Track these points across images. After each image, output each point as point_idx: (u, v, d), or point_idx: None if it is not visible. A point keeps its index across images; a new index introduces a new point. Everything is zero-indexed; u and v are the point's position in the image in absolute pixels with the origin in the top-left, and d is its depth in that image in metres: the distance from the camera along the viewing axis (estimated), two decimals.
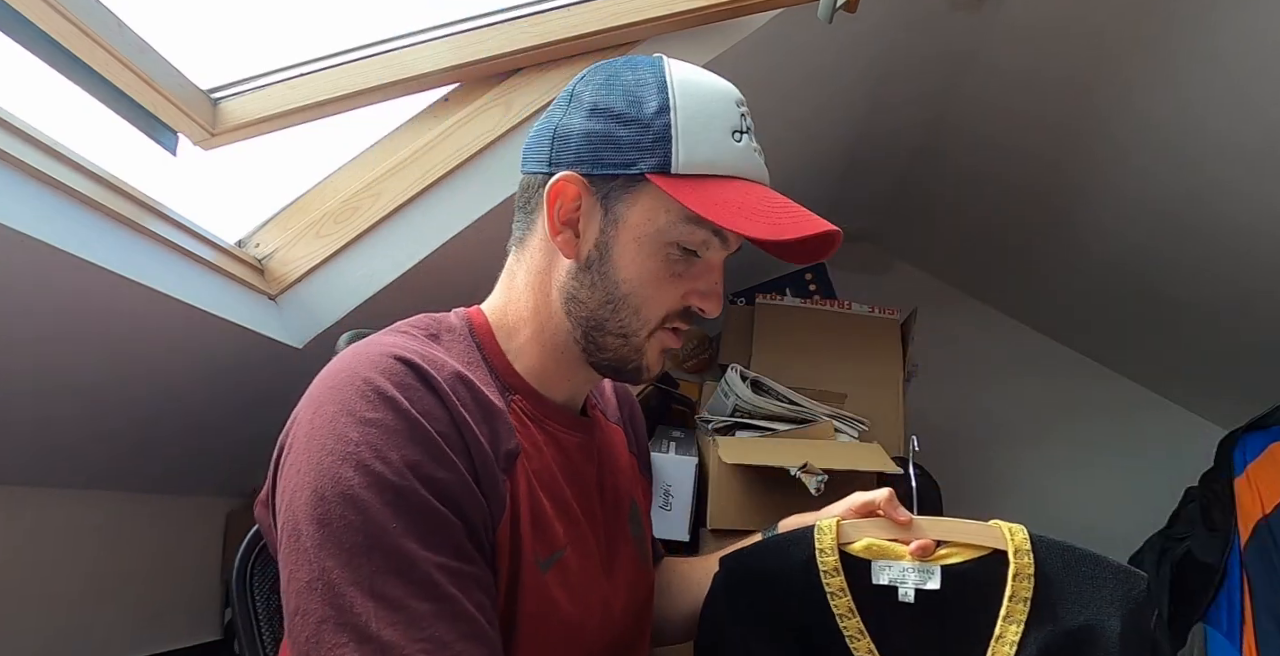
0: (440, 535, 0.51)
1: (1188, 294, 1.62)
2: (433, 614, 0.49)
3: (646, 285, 0.61)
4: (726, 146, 0.61)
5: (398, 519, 0.49)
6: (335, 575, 0.48)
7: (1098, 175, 1.48)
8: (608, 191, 0.61)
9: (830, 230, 0.60)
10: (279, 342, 0.95)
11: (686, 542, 1.25)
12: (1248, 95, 1.15)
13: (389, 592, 0.48)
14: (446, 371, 0.56)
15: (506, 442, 0.58)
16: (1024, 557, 0.68)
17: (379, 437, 0.51)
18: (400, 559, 0.49)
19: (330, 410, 0.52)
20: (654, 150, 0.59)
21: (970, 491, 1.88)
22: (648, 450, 0.90)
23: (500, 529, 0.56)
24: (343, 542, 0.49)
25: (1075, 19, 1.20)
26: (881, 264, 2.13)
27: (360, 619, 0.47)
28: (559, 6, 0.99)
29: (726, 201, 0.59)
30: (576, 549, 0.63)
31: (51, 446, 0.84)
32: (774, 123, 1.38)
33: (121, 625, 1.01)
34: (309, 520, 0.50)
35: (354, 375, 0.53)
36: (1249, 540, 1.29)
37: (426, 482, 0.51)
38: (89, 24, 0.72)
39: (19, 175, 0.63)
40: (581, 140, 0.61)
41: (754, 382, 1.37)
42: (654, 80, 0.61)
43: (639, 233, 0.61)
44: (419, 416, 0.52)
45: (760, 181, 0.63)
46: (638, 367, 0.65)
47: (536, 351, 0.65)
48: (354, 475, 0.50)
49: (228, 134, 0.93)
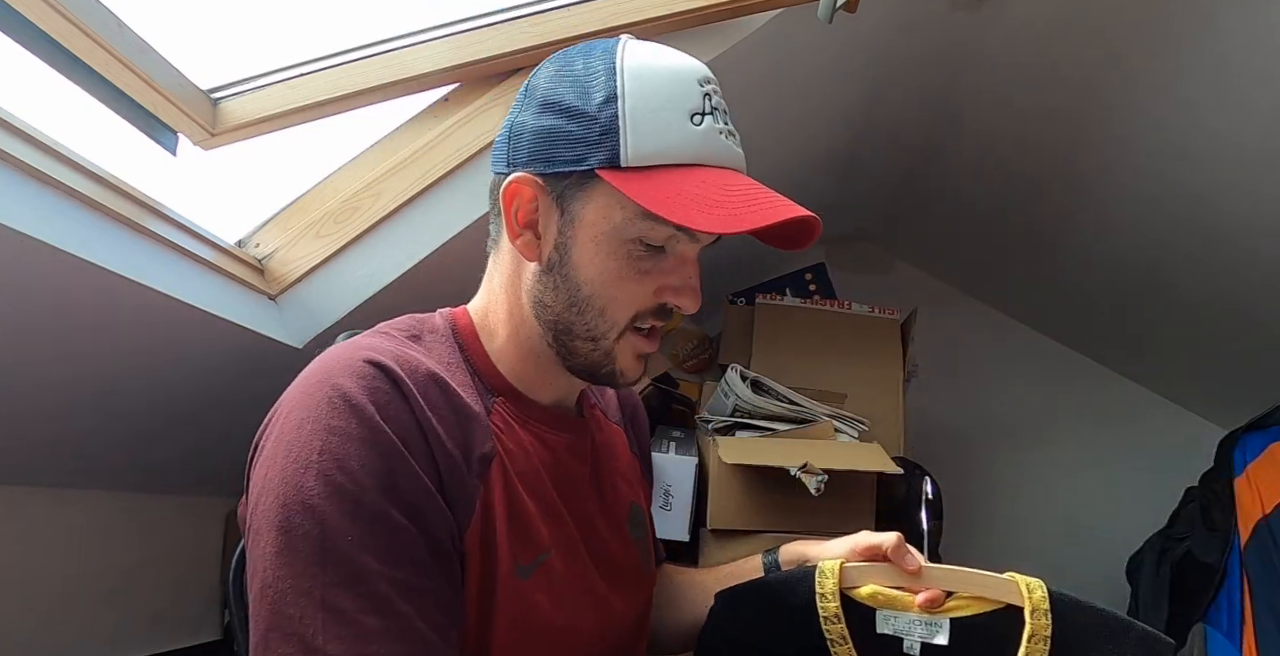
0: (399, 549, 0.50)
1: (1188, 294, 1.62)
2: (381, 629, 0.48)
3: (609, 285, 0.59)
4: (683, 132, 0.57)
5: (355, 531, 0.49)
6: (288, 584, 0.48)
7: (1097, 175, 1.48)
8: (562, 190, 0.59)
9: (799, 216, 0.56)
10: (279, 342, 0.94)
11: (686, 542, 1.25)
12: (1248, 95, 1.15)
13: (340, 605, 0.48)
14: (420, 373, 0.56)
15: (481, 446, 0.57)
16: (1041, 618, 0.61)
17: (342, 447, 0.50)
18: (354, 572, 0.49)
19: (298, 416, 0.52)
20: (602, 143, 0.56)
21: (970, 491, 1.88)
22: (650, 452, 0.89)
23: (469, 535, 0.55)
24: (299, 552, 0.49)
25: (1075, 19, 1.20)
26: (881, 264, 2.13)
27: (308, 630, 0.47)
28: (559, 6, 0.99)
29: (680, 194, 0.55)
30: (563, 551, 0.62)
31: (52, 446, 0.84)
32: (774, 122, 1.39)
33: (122, 625, 1.01)
34: (270, 526, 0.50)
35: (324, 381, 0.53)
36: (1249, 540, 1.28)
37: (388, 494, 0.50)
38: (89, 24, 0.72)
39: (19, 175, 0.63)
40: (533, 138, 0.59)
41: (754, 382, 1.37)
42: (604, 67, 0.58)
43: (596, 232, 0.58)
44: (384, 424, 0.51)
45: (729, 165, 0.59)
46: (611, 373, 0.62)
47: (515, 354, 0.64)
48: (315, 485, 0.49)
49: (228, 134, 0.93)
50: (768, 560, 0.76)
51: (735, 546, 1.24)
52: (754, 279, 1.79)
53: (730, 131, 0.60)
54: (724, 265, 1.77)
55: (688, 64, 0.60)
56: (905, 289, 2.07)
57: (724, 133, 0.59)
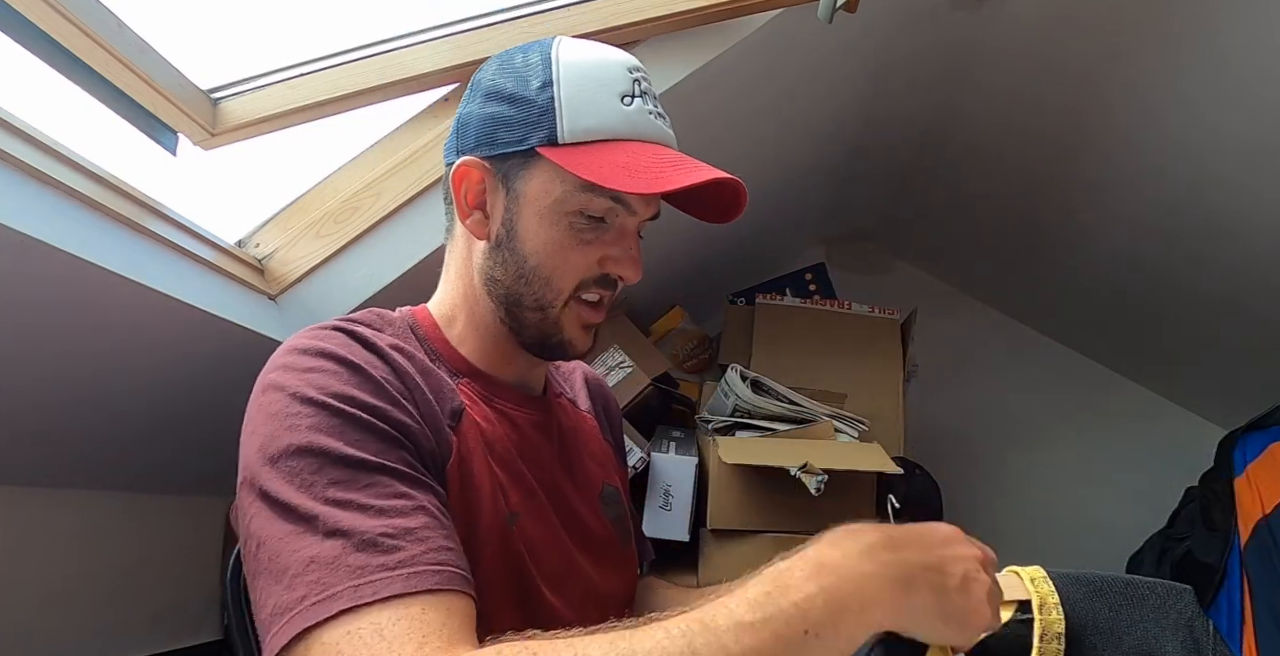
0: (390, 452, 0.51)
1: (1188, 294, 1.62)
2: (392, 508, 0.48)
3: (553, 255, 0.62)
4: (615, 111, 0.61)
5: (344, 436, 0.49)
6: (290, 497, 0.47)
7: (1097, 176, 1.48)
8: (507, 170, 0.63)
9: (716, 178, 0.59)
10: (279, 343, 0.94)
11: (687, 542, 1.25)
12: (1251, 92, 1.15)
13: (346, 497, 0.47)
14: (382, 338, 0.59)
15: (451, 401, 0.60)
16: (1051, 613, 0.57)
17: (321, 378, 0.52)
18: (351, 468, 0.48)
19: (271, 377, 0.54)
20: (540, 123, 0.61)
21: (970, 491, 1.88)
22: (623, 441, 0.91)
23: (450, 469, 0.56)
24: (293, 470, 0.48)
25: (1075, 19, 1.20)
26: (881, 264, 2.13)
27: (318, 521, 0.46)
28: (559, 6, 0.99)
29: (612, 163, 0.59)
30: (533, 518, 0.63)
31: (52, 446, 0.84)
32: (774, 122, 1.39)
33: (122, 625, 1.01)
34: (260, 464, 0.49)
35: (292, 346, 0.56)
36: (1249, 540, 1.29)
37: (371, 410, 0.51)
38: (89, 24, 0.72)
39: (19, 175, 0.63)
40: (479, 125, 0.64)
41: (754, 382, 1.37)
42: (540, 59, 0.63)
43: (539, 205, 0.62)
44: (360, 364, 0.54)
45: (660, 141, 0.63)
46: (561, 342, 0.65)
47: (474, 336, 0.67)
48: (299, 408, 0.50)
49: (228, 134, 0.93)
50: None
51: (735, 546, 1.25)
52: (754, 279, 1.79)
53: (660, 113, 0.64)
54: (724, 265, 1.78)
55: (617, 54, 0.65)
56: (905, 289, 2.07)
57: (654, 114, 0.64)
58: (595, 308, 0.66)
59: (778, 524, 1.24)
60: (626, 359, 1.35)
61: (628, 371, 1.35)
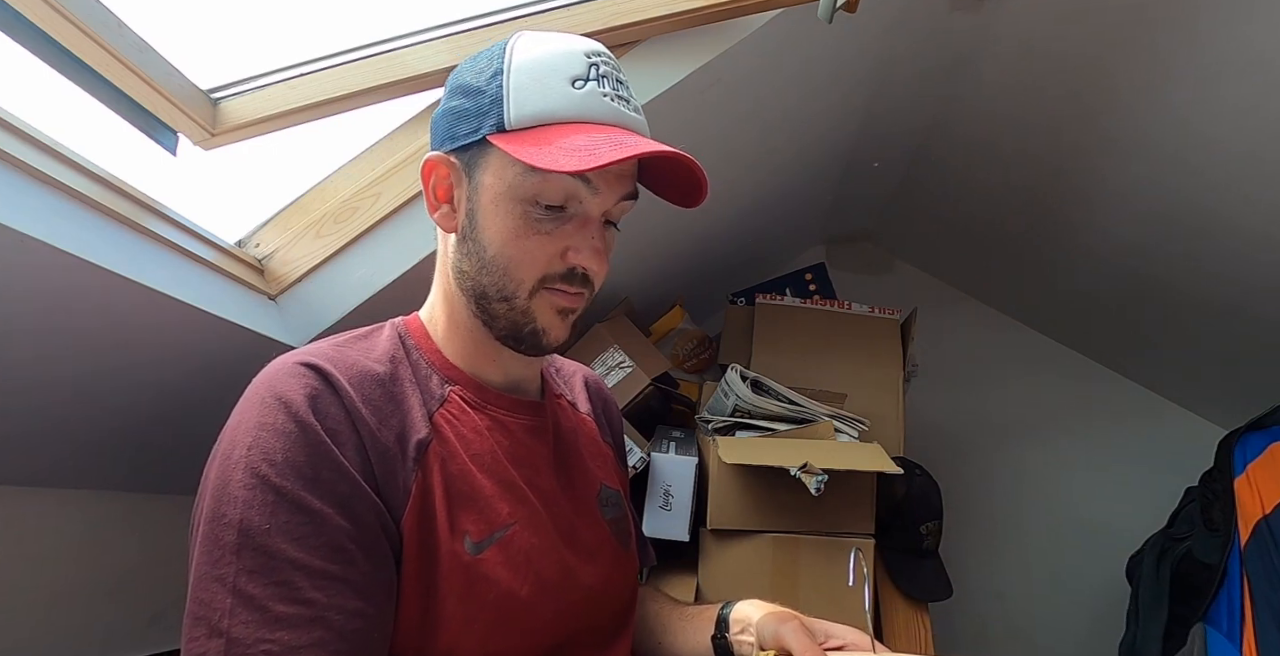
0: (318, 537, 0.53)
1: (1187, 294, 1.62)
2: (289, 617, 0.50)
3: (509, 244, 0.62)
4: (564, 95, 0.60)
5: (273, 519, 0.52)
6: (205, 570, 0.51)
7: (1096, 175, 1.48)
8: (467, 161, 0.64)
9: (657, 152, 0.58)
10: (279, 343, 0.94)
11: (687, 542, 1.25)
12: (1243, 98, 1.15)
13: (250, 591, 0.50)
14: (354, 369, 0.60)
15: (417, 433, 0.60)
16: None
17: (269, 441, 0.54)
18: (267, 559, 0.51)
19: (235, 420, 0.56)
20: (490, 112, 0.61)
21: (970, 491, 1.88)
22: (624, 445, 0.91)
23: (406, 517, 0.57)
24: (220, 541, 0.51)
25: (1075, 19, 1.20)
26: (881, 264, 2.13)
27: (216, 614, 0.50)
28: (559, 6, 0.99)
29: (553, 144, 0.58)
30: (527, 525, 0.64)
31: (51, 446, 0.84)
32: (773, 122, 1.39)
33: (122, 625, 1.01)
34: (203, 520, 0.53)
35: (260, 384, 0.57)
36: (1249, 540, 1.29)
37: (310, 484, 0.53)
38: (89, 24, 0.72)
39: (19, 175, 0.63)
40: (443, 121, 0.65)
41: (754, 382, 1.37)
42: (497, 52, 0.63)
43: (494, 193, 0.62)
44: (312, 418, 0.55)
45: (616, 123, 0.61)
46: (534, 331, 0.64)
47: (455, 336, 0.68)
48: (241, 477, 0.53)
49: (228, 134, 0.93)
50: (723, 612, 0.76)
51: (735, 546, 1.25)
52: (754, 279, 1.79)
53: (620, 96, 0.63)
54: (724, 265, 1.78)
55: (577, 42, 0.64)
56: (905, 289, 2.07)
57: (610, 96, 0.62)
58: (569, 294, 0.64)
59: (778, 524, 1.24)
60: (626, 359, 1.35)
61: (628, 371, 1.35)
